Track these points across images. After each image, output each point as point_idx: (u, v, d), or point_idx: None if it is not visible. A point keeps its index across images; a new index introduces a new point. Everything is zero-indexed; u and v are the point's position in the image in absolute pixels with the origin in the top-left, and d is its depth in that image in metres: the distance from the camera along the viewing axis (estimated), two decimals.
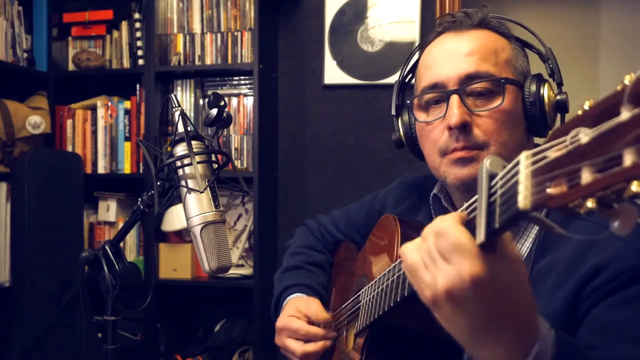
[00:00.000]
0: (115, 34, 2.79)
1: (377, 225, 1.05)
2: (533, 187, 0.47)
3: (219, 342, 2.58)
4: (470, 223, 0.58)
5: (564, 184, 0.43)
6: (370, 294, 0.89)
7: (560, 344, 0.61)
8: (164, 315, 2.60)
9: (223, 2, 2.67)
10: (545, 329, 0.61)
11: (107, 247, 0.99)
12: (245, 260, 2.74)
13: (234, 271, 2.55)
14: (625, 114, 0.38)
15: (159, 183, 0.96)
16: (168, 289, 2.60)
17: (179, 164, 0.93)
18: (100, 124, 2.71)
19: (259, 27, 2.49)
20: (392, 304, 0.78)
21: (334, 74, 2.68)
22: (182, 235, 2.62)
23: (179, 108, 0.96)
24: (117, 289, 0.96)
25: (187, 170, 0.93)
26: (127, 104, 2.70)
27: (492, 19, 0.97)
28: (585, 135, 0.42)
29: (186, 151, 0.92)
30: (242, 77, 2.70)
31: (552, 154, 0.45)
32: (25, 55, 2.61)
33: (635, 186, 0.37)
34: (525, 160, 0.48)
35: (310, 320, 1.07)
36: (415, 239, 0.63)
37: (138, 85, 2.69)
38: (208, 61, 2.65)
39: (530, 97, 0.91)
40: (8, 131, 2.39)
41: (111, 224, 2.73)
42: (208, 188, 0.92)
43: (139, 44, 2.72)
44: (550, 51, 0.97)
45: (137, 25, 2.72)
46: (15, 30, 2.55)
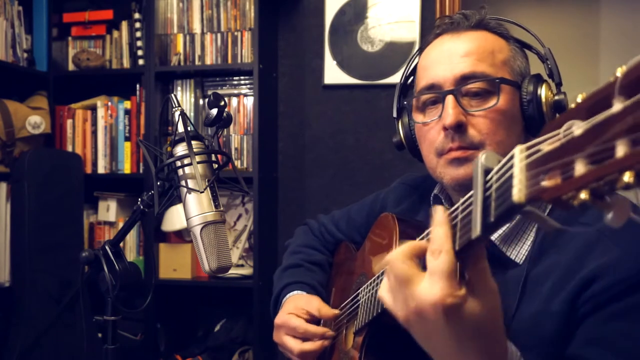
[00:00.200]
0: (115, 34, 2.79)
1: (376, 224, 1.05)
2: (527, 181, 0.47)
3: (219, 342, 2.58)
4: (454, 226, 0.60)
5: (558, 176, 0.43)
6: (369, 292, 0.89)
7: None
8: (164, 315, 2.60)
9: (223, 2, 2.67)
10: (515, 356, 0.65)
11: (107, 247, 0.99)
12: (245, 260, 2.74)
13: (234, 271, 2.56)
14: (617, 106, 0.39)
15: (159, 183, 0.96)
16: (168, 289, 2.60)
17: (179, 164, 0.93)
18: (100, 124, 2.71)
19: (259, 27, 2.49)
20: None
21: (334, 74, 2.68)
22: (182, 235, 2.62)
23: (179, 108, 0.96)
24: (117, 289, 0.96)
25: (187, 170, 0.93)
26: (127, 104, 2.70)
27: (490, 20, 0.97)
28: (578, 127, 0.42)
29: (186, 151, 0.92)
30: (242, 77, 2.70)
31: (546, 147, 0.45)
32: (25, 55, 2.61)
33: (627, 177, 0.37)
34: (519, 154, 0.49)
35: (312, 318, 1.07)
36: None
37: (138, 85, 2.69)
38: (208, 61, 2.65)
39: (527, 97, 0.91)
40: (8, 131, 2.39)
41: (111, 224, 2.73)
42: (208, 188, 0.92)
43: (139, 44, 2.72)
44: (549, 51, 0.97)
45: (137, 25, 2.72)
46: (15, 30, 2.55)
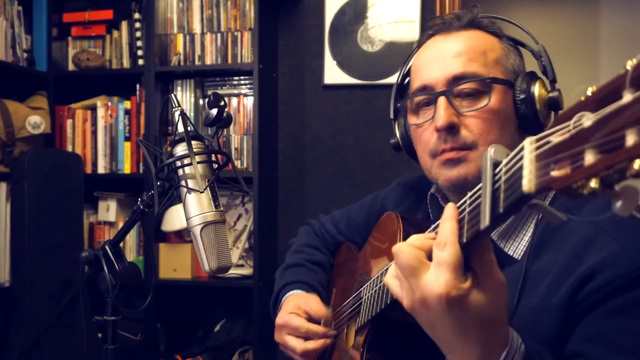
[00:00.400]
0: (115, 34, 2.79)
1: (379, 224, 1.05)
2: (537, 171, 0.48)
3: (219, 342, 2.58)
4: (462, 219, 0.61)
5: (567, 166, 0.44)
6: (372, 289, 0.90)
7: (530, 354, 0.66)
8: (164, 315, 2.60)
9: (223, 2, 2.67)
10: (516, 342, 0.65)
11: (107, 247, 0.99)
12: (245, 260, 2.74)
13: (234, 271, 2.56)
14: (628, 97, 0.39)
15: (159, 183, 0.96)
16: (168, 289, 2.60)
17: (179, 164, 0.93)
18: (100, 124, 2.71)
19: (259, 27, 2.49)
20: (393, 299, 0.78)
21: (334, 74, 2.68)
22: (182, 235, 2.62)
23: (179, 108, 0.96)
24: (117, 289, 0.96)
25: (187, 170, 0.93)
26: (127, 104, 2.70)
27: (483, 18, 0.97)
28: (588, 119, 0.43)
29: (186, 151, 0.92)
30: (242, 77, 2.70)
31: (556, 139, 0.46)
32: (25, 55, 2.61)
33: (637, 165, 0.38)
34: (529, 145, 0.49)
35: (310, 317, 1.07)
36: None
37: (138, 85, 2.69)
38: (208, 61, 2.65)
39: (520, 96, 0.91)
40: (8, 131, 2.39)
41: (111, 224, 2.73)
42: (208, 188, 0.92)
43: (139, 44, 2.72)
44: (543, 48, 0.96)
45: (137, 25, 2.72)
46: (15, 30, 2.55)
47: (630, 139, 0.39)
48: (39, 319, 2.25)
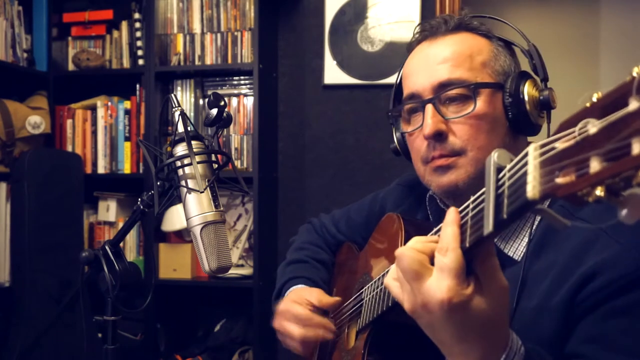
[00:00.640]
0: (115, 34, 2.79)
1: (380, 224, 1.05)
2: (542, 177, 0.48)
3: (219, 342, 2.58)
4: (465, 224, 0.61)
5: (572, 173, 0.44)
6: (373, 291, 0.89)
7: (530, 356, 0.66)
8: (164, 315, 2.60)
9: (223, 2, 2.67)
10: (516, 344, 0.65)
11: (107, 247, 0.99)
12: (245, 260, 2.74)
13: (234, 271, 2.55)
14: (634, 104, 0.39)
15: (159, 183, 0.96)
16: (168, 289, 2.60)
17: (179, 164, 0.93)
18: (100, 124, 2.71)
19: (259, 27, 2.49)
20: (395, 301, 0.78)
21: (334, 74, 2.68)
22: (182, 235, 2.62)
23: (179, 108, 0.96)
24: (117, 289, 0.96)
25: (187, 170, 0.93)
26: (127, 104, 2.70)
27: (472, 19, 0.97)
28: (593, 126, 0.43)
29: (186, 151, 0.92)
30: (242, 77, 2.70)
31: (561, 145, 0.46)
32: (25, 55, 2.61)
33: None
34: (534, 151, 0.49)
35: (314, 309, 1.06)
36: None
37: (138, 85, 2.69)
38: (208, 61, 2.65)
39: (509, 98, 0.90)
40: (8, 131, 2.39)
41: (111, 224, 2.73)
42: (208, 188, 0.92)
43: (139, 44, 2.72)
44: (534, 47, 0.95)
45: (137, 25, 2.72)
46: (15, 30, 2.55)
47: (637, 147, 0.38)
48: (39, 319, 2.25)
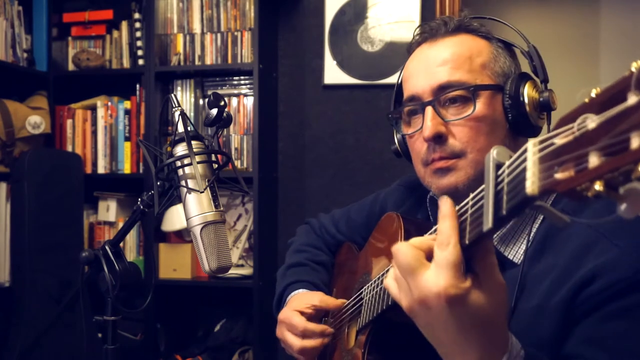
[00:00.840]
0: (115, 34, 2.79)
1: (380, 224, 1.05)
2: (541, 173, 0.48)
3: (219, 342, 2.58)
4: (464, 220, 0.61)
5: (571, 168, 0.44)
6: (373, 290, 0.90)
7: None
8: (164, 315, 2.60)
9: (223, 2, 2.67)
10: (516, 348, 0.65)
11: (107, 247, 0.99)
12: (245, 260, 2.74)
13: (234, 271, 2.56)
14: (632, 99, 0.39)
15: (159, 183, 0.96)
16: (168, 289, 2.60)
17: (179, 164, 0.93)
18: (100, 124, 2.71)
19: (259, 27, 2.49)
20: (394, 300, 0.78)
21: (334, 74, 2.68)
22: (182, 235, 2.62)
23: (179, 108, 0.96)
24: (117, 289, 0.96)
25: (187, 170, 0.93)
26: (127, 104, 2.70)
27: (472, 21, 0.96)
28: (592, 121, 0.43)
29: (186, 151, 0.92)
30: (242, 77, 2.70)
31: (559, 141, 0.46)
32: (25, 55, 2.61)
33: None
34: (532, 147, 0.49)
35: (316, 313, 1.08)
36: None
37: (138, 85, 2.69)
38: (208, 61, 2.65)
39: (509, 100, 0.90)
40: (8, 131, 2.39)
41: (111, 224, 2.73)
42: (208, 188, 0.92)
43: (139, 44, 2.72)
44: (534, 48, 0.95)
45: (137, 25, 2.72)
46: (15, 30, 2.55)
47: (636, 142, 0.38)
48: (39, 319, 2.25)
